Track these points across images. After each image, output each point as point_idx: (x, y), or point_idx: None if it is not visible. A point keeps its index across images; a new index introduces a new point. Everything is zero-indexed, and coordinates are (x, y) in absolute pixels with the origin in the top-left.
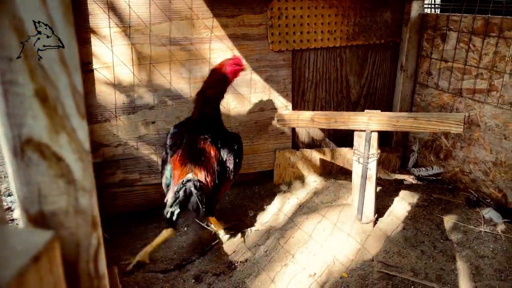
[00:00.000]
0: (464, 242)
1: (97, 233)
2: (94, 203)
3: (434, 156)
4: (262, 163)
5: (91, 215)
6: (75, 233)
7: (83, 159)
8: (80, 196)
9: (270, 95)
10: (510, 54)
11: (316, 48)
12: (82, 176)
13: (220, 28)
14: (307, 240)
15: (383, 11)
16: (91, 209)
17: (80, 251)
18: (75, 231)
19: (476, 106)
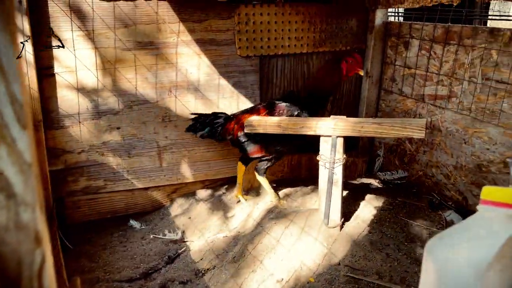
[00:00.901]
0: (422, 244)
1: (42, 249)
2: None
3: (399, 160)
4: (231, 168)
5: (34, 230)
6: (17, 250)
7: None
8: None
9: (238, 100)
10: (469, 62)
11: (283, 54)
12: (23, 190)
13: (187, 33)
14: (275, 246)
15: (349, 19)
16: (34, 224)
17: (22, 268)
18: (16, 248)
19: (437, 111)
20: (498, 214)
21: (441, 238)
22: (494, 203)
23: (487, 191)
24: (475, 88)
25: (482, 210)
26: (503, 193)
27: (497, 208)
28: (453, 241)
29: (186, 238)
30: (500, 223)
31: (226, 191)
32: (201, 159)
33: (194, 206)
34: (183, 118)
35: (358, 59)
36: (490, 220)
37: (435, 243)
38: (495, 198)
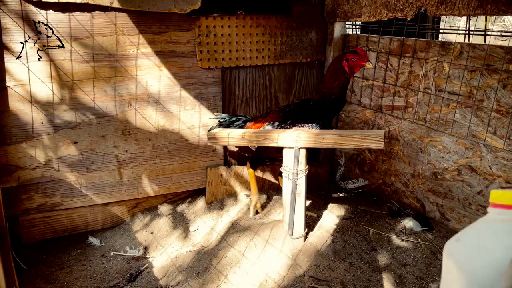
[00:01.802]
0: (388, 252)
1: None
2: None
3: (359, 169)
4: (194, 181)
5: None
6: None
7: None
8: None
9: (201, 112)
10: (423, 74)
11: (245, 66)
12: None
13: (147, 45)
14: (240, 259)
15: (308, 31)
16: None
17: None
18: None
19: (395, 121)
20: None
21: (458, 240)
22: (504, 206)
23: (496, 195)
24: (429, 99)
25: (493, 212)
26: None
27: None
28: (472, 243)
29: (149, 254)
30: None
31: (189, 205)
32: (163, 173)
33: (156, 220)
34: (143, 131)
35: (360, 53)
36: (503, 221)
37: (453, 246)
38: (507, 202)
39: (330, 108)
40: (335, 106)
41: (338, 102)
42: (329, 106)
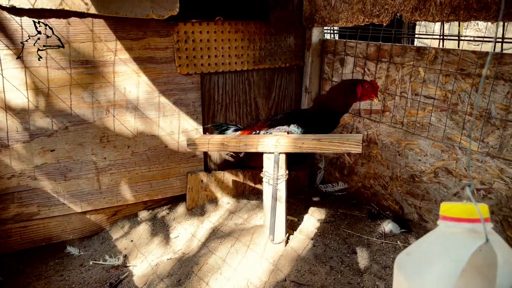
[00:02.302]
0: (368, 255)
1: None
2: None
3: (339, 172)
4: (174, 187)
5: None
6: None
7: None
8: None
9: (180, 118)
10: (400, 78)
11: (224, 72)
12: None
13: (125, 51)
14: (221, 265)
15: (287, 37)
16: None
17: None
18: None
19: (373, 125)
20: (459, 229)
21: (408, 253)
22: (454, 218)
23: (446, 207)
24: (406, 103)
25: (443, 225)
26: (462, 209)
27: (458, 224)
28: (421, 256)
29: (129, 263)
30: (463, 237)
31: (170, 211)
32: (142, 179)
33: (136, 228)
34: (122, 137)
35: (374, 86)
36: (452, 235)
37: (404, 259)
38: (455, 214)
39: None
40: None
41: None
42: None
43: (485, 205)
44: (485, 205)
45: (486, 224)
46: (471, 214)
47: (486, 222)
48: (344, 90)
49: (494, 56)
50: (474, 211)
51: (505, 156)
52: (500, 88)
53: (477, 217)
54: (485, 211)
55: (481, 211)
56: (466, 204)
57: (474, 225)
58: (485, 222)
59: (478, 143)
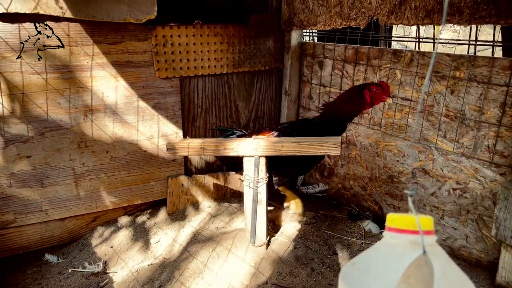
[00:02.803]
0: (349, 255)
1: None
2: None
3: (319, 174)
4: (155, 192)
5: None
6: None
7: None
8: None
9: (159, 122)
10: (377, 80)
11: (204, 75)
12: None
13: (102, 55)
14: (202, 270)
15: (266, 40)
16: None
17: None
18: None
19: (352, 127)
20: (402, 240)
21: (353, 264)
22: (398, 230)
23: (391, 218)
24: (383, 105)
25: (388, 236)
26: (405, 221)
27: (401, 235)
28: (365, 267)
29: (109, 270)
30: (404, 248)
31: (150, 216)
32: (122, 184)
33: (116, 234)
34: (101, 142)
35: (384, 87)
36: (395, 246)
37: (348, 270)
38: (398, 225)
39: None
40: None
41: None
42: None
43: (430, 217)
44: (430, 217)
45: (430, 236)
46: (414, 226)
47: (430, 234)
48: (351, 98)
49: (467, 58)
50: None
51: (479, 156)
52: (473, 90)
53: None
54: (429, 223)
55: (425, 223)
56: (411, 215)
57: (417, 237)
58: (428, 234)
59: (453, 144)
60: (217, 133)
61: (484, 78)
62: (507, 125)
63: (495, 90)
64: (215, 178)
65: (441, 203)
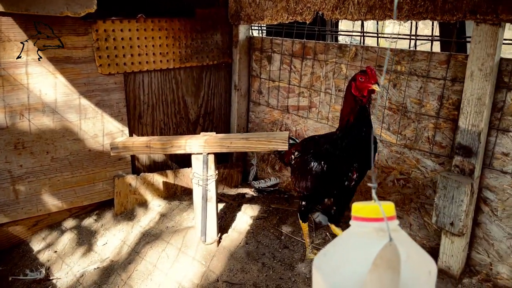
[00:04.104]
0: (299, 248)
1: None
2: None
3: (271, 168)
4: (101, 192)
5: None
6: None
7: None
8: None
9: (103, 120)
10: (324, 75)
11: (149, 70)
12: None
13: (38, 51)
14: (151, 271)
15: (213, 34)
16: None
17: None
18: None
19: (301, 121)
20: (369, 229)
21: (325, 253)
22: (363, 218)
23: (356, 208)
24: (330, 99)
25: (354, 225)
26: (370, 209)
27: (367, 223)
28: (337, 256)
29: (52, 276)
30: (372, 236)
31: (97, 218)
32: (65, 186)
33: (60, 238)
34: (40, 143)
35: (369, 73)
36: (362, 234)
37: (321, 259)
38: (363, 214)
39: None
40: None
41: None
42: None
43: (392, 203)
44: (391, 203)
45: (393, 221)
46: (378, 213)
47: (392, 220)
48: (345, 97)
49: (408, 53)
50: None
51: (420, 147)
52: (414, 84)
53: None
54: (391, 209)
55: (387, 210)
56: (374, 204)
57: (381, 224)
58: (390, 220)
59: (397, 136)
60: (168, 131)
61: (423, 72)
62: (444, 117)
63: (433, 83)
64: (164, 176)
65: (386, 193)
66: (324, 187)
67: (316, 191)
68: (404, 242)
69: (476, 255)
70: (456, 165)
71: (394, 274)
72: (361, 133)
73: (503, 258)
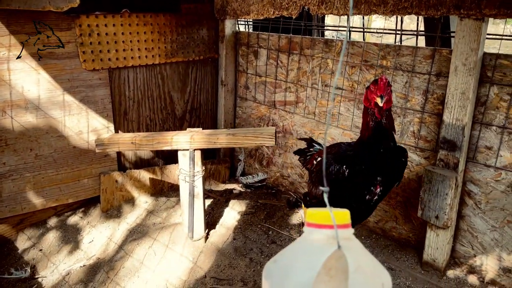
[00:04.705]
0: (287, 243)
1: None
2: None
3: (258, 163)
4: (87, 190)
5: None
6: None
7: None
8: None
9: (88, 116)
10: (310, 70)
11: (134, 66)
12: None
13: (20, 47)
14: (138, 268)
15: (199, 29)
16: None
17: None
18: None
19: (288, 116)
20: (321, 235)
21: (275, 261)
22: (316, 225)
23: (310, 214)
24: (317, 94)
25: (307, 232)
26: (322, 216)
27: (319, 230)
28: (286, 263)
29: (38, 274)
30: (322, 243)
31: (83, 215)
32: (50, 184)
33: (45, 236)
34: (23, 140)
35: (379, 84)
36: (314, 241)
37: (271, 267)
38: (316, 220)
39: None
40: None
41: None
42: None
43: (347, 211)
44: (346, 211)
45: (346, 230)
46: (331, 220)
47: (346, 228)
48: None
49: (393, 48)
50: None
51: (406, 141)
52: (399, 78)
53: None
54: (345, 217)
55: (341, 217)
56: (328, 210)
57: (333, 231)
58: (345, 228)
59: None
60: (154, 127)
61: (408, 66)
62: (429, 112)
63: (418, 78)
64: (151, 173)
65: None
66: (342, 197)
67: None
68: (356, 251)
69: (460, 247)
70: (441, 159)
71: (341, 284)
72: (379, 151)
73: (486, 250)
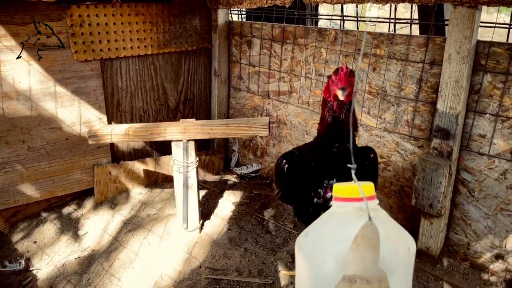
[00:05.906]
0: (281, 233)
1: None
2: None
3: (252, 154)
4: (80, 182)
5: None
6: None
7: None
8: None
9: (81, 108)
10: (304, 59)
11: (127, 57)
12: None
13: (10, 37)
14: (133, 259)
15: (192, 19)
16: None
17: None
18: None
19: (281, 106)
20: (349, 208)
21: (307, 235)
22: (343, 199)
23: (337, 189)
24: (311, 84)
25: (335, 206)
26: (349, 190)
27: (347, 203)
28: (318, 236)
29: (32, 266)
30: (352, 216)
31: (77, 207)
32: (43, 176)
33: (40, 228)
34: (15, 132)
35: (340, 75)
36: (343, 214)
37: (302, 240)
38: (344, 195)
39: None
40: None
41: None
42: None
43: (371, 183)
44: (371, 183)
45: (372, 201)
46: (358, 193)
47: (372, 199)
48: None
49: (387, 36)
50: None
51: (400, 130)
52: (393, 67)
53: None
54: (371, 189)
55: (367, 190)
56: (354, 184)
57: (361, 203)
58: (370, 199)
59: (377, 119)
60: (148, 118)
61: (402, 55)
62: (423, 100)
63: (412, 66)
64: (145, 164)
65: None
66: (291, 196)
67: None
68: (383, 220)
69: (454, 235)
70: (435, 148)
71: (374, 252)
72: (331, 151)
73: (480, 238)
